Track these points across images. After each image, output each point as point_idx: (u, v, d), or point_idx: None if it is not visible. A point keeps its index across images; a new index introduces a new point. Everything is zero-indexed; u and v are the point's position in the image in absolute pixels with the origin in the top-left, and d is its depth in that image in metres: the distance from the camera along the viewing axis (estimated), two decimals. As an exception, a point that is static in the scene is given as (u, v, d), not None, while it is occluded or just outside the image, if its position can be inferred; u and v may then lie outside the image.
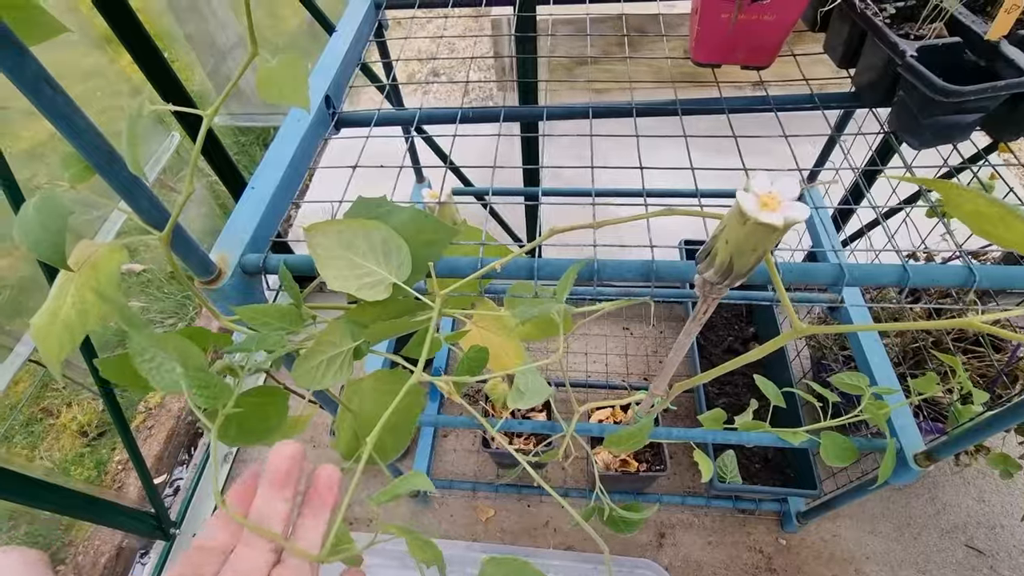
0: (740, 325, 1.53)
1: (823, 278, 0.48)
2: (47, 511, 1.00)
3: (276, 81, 0.44)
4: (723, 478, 1.17)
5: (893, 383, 0.92)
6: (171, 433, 1.55)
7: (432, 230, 0.52)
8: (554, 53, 1.66)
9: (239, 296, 0.55)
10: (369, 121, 0.73)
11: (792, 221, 0.34)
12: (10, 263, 1.75)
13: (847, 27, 0.66)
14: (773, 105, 0.68)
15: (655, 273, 0.49)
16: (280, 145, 0.67)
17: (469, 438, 1.50)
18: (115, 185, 0.41)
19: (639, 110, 0.71)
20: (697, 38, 0.70)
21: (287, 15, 2.53)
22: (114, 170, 0.40)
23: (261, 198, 0.61)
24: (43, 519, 1.42)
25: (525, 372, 0.57)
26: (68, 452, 1.63)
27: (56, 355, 0.37)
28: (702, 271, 0.44)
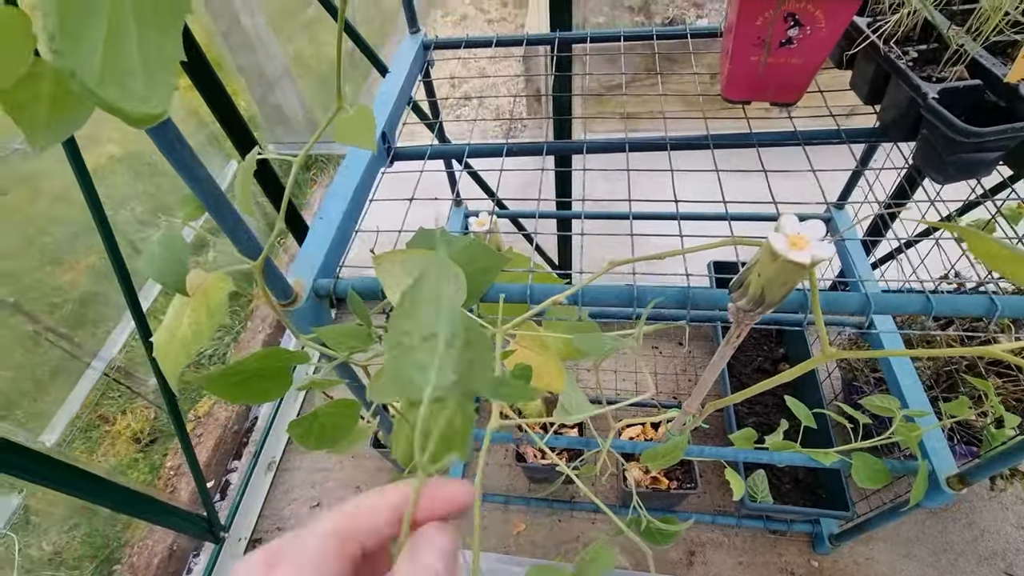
0: (770, 346, 1.54)
1: (850, 307, 0.52)
2: (109, 508, 1.07)
3: (351, 128, 0.51)
4: (754, 497, 1.18)
5: (924, 406, 0.93)
6: (218, 441, 1.64)
7: (485, 258, 0.58)
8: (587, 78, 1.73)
9: (312, 316, 0.61)
10: (422, 155, 0.79)
11: (819, 260, 0.39)
12: (73, 278, 1.88)
13: (872, 67, 0.70)
14: (801, 140, 0.72)
15: (691, 300, 0.53)
16: (343, 179, 0.74)
17: (501, 452, 1.54)
18: (221, 222, 0.48)
19: (673, 143, 0.76)
20: (728, 77, 0.75)
21: (328, 42, 2.68)
22: (221, 210, 0.47)
23: (329, 228, 0.67)
24: (101, 518, 1.51)
25: (569, 390, 0.62)
26: (123, 457, 1.73)
27: (174, 368, 0.44)
28: (735, 299, 0.49)
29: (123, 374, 1.69)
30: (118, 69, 0.23)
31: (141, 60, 0.24)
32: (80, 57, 0.20)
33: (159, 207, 2.06)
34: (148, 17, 0.25)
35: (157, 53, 0.25)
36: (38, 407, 1.62)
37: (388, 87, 0.88)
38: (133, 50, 0.24)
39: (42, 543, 1.52)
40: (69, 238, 1.84)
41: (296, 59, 2.40)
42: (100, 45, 0.22)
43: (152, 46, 0.25)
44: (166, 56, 0.26)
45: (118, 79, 0.23)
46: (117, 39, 0.23)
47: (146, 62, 0.25)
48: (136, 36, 0.24)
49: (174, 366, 0.44)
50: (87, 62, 0.21)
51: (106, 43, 0.22)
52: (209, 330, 0.44)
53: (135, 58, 0.24)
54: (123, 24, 0.23)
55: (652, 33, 0.92)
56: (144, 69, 0.24)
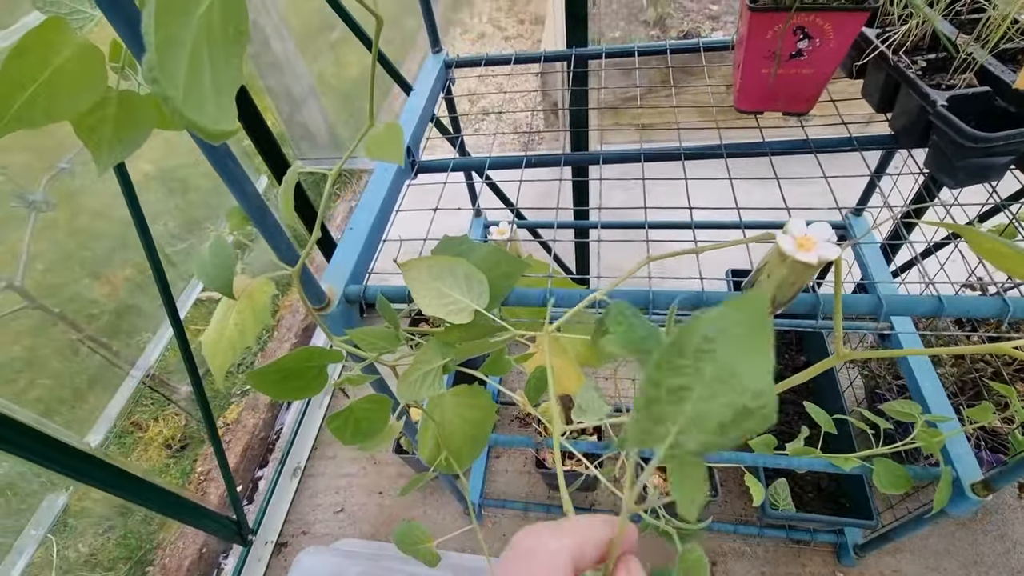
0: (791, 353, 1.54)
1: (864, 308, 0.53)
2: (150, 509, 1.12)
3: (381, 143, 0.54)
4: (775, 505, 1.18)
5: (947, 411, 0.92)
6: (246, 447, 1.68)
7: (507, 264, 0.61)
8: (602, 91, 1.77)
9: (343, 320, 0.65)
10: (445, 167, 0.83)
11: (825, 260, 0.41)
12: (110, 290, 1.97)
13: (882, 75, 0.72)
14: (813, 148, 0.74)
15: (705, 303, 0.55)
16: (371, 192, 0.78)
17: (520, 459, 1.56)
18: (263, 232, 0.52)
19: (687, 153, 0.78)
20: (740, 89, 0.77)
21: (351, 63, 2.78)
22: (264, 221, 0.51)
23: (358, 238, 0.71)
24: (135, 520, 1.57)
25: (585, 390, 0.64)
26: (155, 463, 1.80)
27: (222, 366, 0.48)
28: (748, 301, 0.51)
29: (157, 382, 1.76)
30: (196, 93, 0.27)
31: (212, 85, 0.28)
32: (170, 84, 0.24)
33: (190, 221, 2.15)
34: (217, 47, 0.29)
35: (224, 78, 0.29)
36: (76, 414, 1.69)
37: (412, 104, 0.92)
38: (207, 76, 0.28)
39: (78, 544, 1.58)
40: (107, 252, 1.93)
41: (320, 78, 2.49)
42: (184, 74, 0.25)
43: (220, 72, 0.29)
44: (230, 80, 0.30)
45: (197, 102, 0.26)
46: (195, 67, 0.26)
47: (216, 86, 0.28)
48: (209, 64, 0.28)
49: (222, 364, 0.48)
50: (175, 88, 0.24)
51: (188, 71, 0.26)
52: (254, 331, 0.47)
53: (208, 83, 0.28)
54: (200, 54, 0.27)
55: (666, 48, 0.95)
56: (215, 92, 0.28)
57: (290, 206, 0.47)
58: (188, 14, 0.26)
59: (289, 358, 0.49)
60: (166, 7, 0.24)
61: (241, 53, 0.31)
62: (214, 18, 0.28)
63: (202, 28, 0.27)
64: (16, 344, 1.63)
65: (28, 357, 1.66)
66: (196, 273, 0.47)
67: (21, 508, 1.48)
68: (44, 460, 0.82)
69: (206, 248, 0.48)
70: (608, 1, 2.54)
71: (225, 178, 0.47)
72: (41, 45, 0.36)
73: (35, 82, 0.36)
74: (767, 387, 0.22)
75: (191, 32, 0.26)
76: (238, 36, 0.30)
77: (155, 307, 2.00)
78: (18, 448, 0.79)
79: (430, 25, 1.01)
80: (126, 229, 1.93)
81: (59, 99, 0.38)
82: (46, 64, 0.36)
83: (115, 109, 0.46)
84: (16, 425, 0.77)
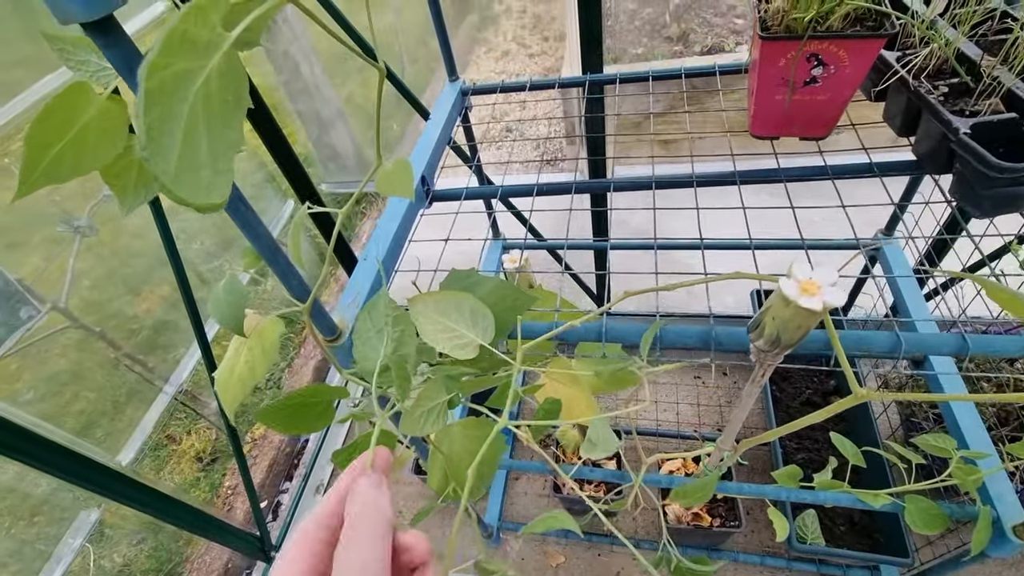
0: (819, 377, 1.48)
1: (879, 347, 0.51)
2: (174, 525, 1.16)
3: (391, 179, 0.55)
4: (803, 539, 1.13)
5: (986, 446, 0.87)
6: (272, 462, 1.72)
7: (513, 297, 0.61)
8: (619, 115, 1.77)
9: (352, 352, 0.66)
10: (459, 196, 0.84)
11: (830, 306, 0.39)
12: (148, 307, 2.06)
13: (904, 99, 0.70)
14: (831, 175, 0.72)
15: (715, 341, 0.54)
16: (386, 222, 0.79)
17: (539, 482, 1.54)
18: (275, 269, 0.54)
19: (699, 180, 0.77)
20: (754, 115, 0.76)
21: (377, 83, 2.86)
22: (276, 260, 0.53)
23: (371, 269, 0.73)
24: (166, 534, 1.62)
25: (596, 424, 0.63)
26: (187, 476, 1.86)
27: (232, 402, 0.49)
28: (753, 340, 0.49)
29: (189, 397, 1.82)
30: (191, 164, 0.28)
31: (209, 152, 0.29)
32: (161, 160, 0.25)
33: (225, 240, 2.24)
34: (215, 115, 0.30)
35: (221, 144, 0.30)
36: (115, 426, 1.77)
37: (428, 132, 0.94)
38: (203, 146, 0.29)
39: (113, 555, 1.64)
40: (146, 270, 2.02)
41: (348, 100, 2.57)
42: (178, 146, 0.27)
43: (218, 139, 0.30)
44: (229, 144, 0.31)
45: (190, 173, 0.28)
46: (191, 140, 0.28)
47: (213, 153, 0.30)
48: (206, 133, 0.29)
49: (232, 401, 0.49)
50: (167, 163, 0.26)
51: (182, 142, 0.27)
52: (263, 368, 0.49)
53: (204, 152, 0.29)
54: (196, 126, 0.28)
55: (681, 72, 0.95)
56: (211, 160, 0.29)
57: (297, 247, 0.48)
58: (184, 89, 0.27)
59: (296, 395, 0.50)
60: (159, 87, 0.26)
61: (241, 117, 0.32)
62: (212, 88, 0.29)
63: (199, 100, 0.28)
64: (63, 358, 1.71)
65: (73, 371, 1.75)
66: (211, 311, 0.49)
67: (62, 518, 1.55)
68: (76, 479, 0.86)
69: (220, 286, 0.50)
70: (630, 18, 2.54)
71: (237, 221, 0.49)
72: (66, 107, 0.38)
73: (61, 141, 0.38)
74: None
75: (187, 105, 0.28)
76: (237, 102, 0.32)
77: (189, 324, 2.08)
78: (52, 467, 0.82)
79: (447, 55, 1.03)
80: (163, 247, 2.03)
81: (84, 155, 0.40)
82: (72, 124, 0.38)
83: (138, 156, 0.49)
84: (50, 444, 0.81)
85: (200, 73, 0.28)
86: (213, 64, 0.29)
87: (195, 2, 0.26)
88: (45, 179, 0.39)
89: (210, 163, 0.29)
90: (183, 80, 0.27)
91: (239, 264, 2.16)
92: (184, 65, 0.27)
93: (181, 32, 0.26)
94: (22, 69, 1.68)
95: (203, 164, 0.29)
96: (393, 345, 0.54)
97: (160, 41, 0.24)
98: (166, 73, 0.26)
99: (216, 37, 0.29)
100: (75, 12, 0.32)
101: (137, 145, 0.24)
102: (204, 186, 0.28)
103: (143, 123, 0.24)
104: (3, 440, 0.73)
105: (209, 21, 0.28)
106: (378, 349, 0.53)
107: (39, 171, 0.38)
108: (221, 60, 0.29)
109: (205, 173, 0.29)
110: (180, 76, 0.27)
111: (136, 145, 0.24)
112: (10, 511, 1.55)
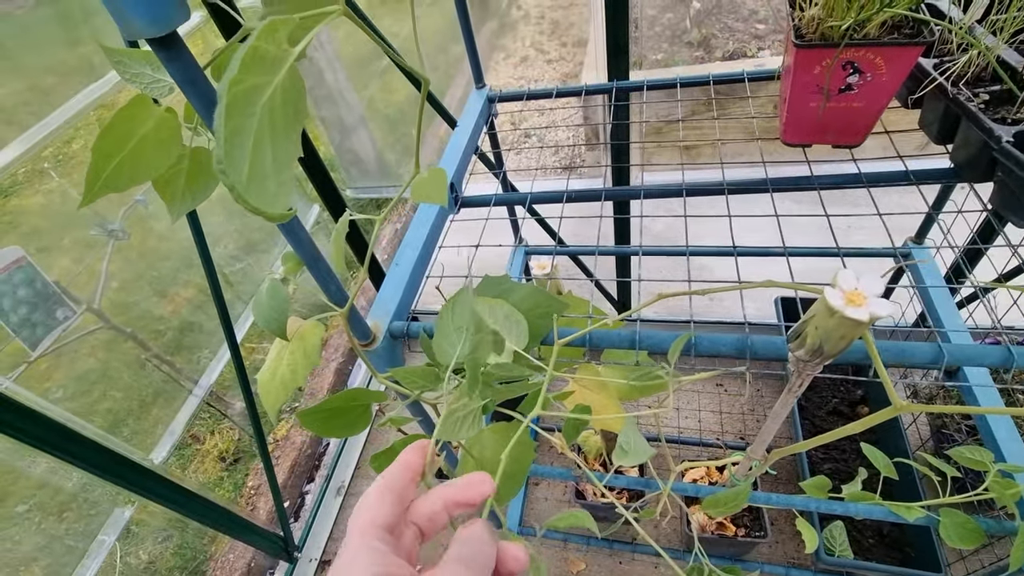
0: (846, 386, 1.46)
1: (920, 359, 0.51)
2: (203, 524, 1.18)
3: (426, 187, 0.56)
4: (831, 551, 1.11)
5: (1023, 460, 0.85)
6: (294, 464, 1.74)
7: (546, 304, 0.62)
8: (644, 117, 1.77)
9: (387, 356, 0.67)
10: (488, 202, 0.85)
11: (876, 317, 0.39)
12: (174, 308, 2.10)
13: (941, 106, 0.69)
14: (866, 183, 0.71)
15: (751, 350, 0.54)
16: (416, 228, 0.81)
17: (559, 488, 1.54)
18: (315, 274, 0.55)
19: (731, 188, 0.77)
20: (787, 122, 0.76)
21: (397, 88, 2.89)
22: (317, 265, 0.54)
23: (403, 275, 0.74)
24: (191, 532, 1.64)
25: (628, 431, 0.63)
26: (211, 475, 1.89)
27: (274, 404, 0.50)
28: (793, 350, 0.49)
29: (214, 397, 1.86)
30: (258, 174, 0.29)
31: (273, 163, 0.30)
32: (235, 172, 0.26)
33: (248, 243, 2.28)
34: (278, 128, 0.31)
35: (282, 155, 0.31)
36: (140, 425, 1.80)
37: (456, 140, 0.95)
38: (268, 158, 0.30)
39: (139, 552, 1.67)
40: (172, 272, 2.06)
41: (369, 105, 2.60)
42: (248, 161, 0.28)
43: (280, 151, 0.31)
44: (288, 156, 0.32)
45: (258, 183, 0.29)
46: (258, 152, 0.29)
47: (276, 165, 0.31)
48: (270, 145, 0.30)
49: (275, 402, 0.50)
50: (239, 174, 0.27)
51: (251, 158, 0.28)
52: (305, 371, 0.50)
53: (269, 163, 0.30)
54: (263, 139, 0.29)
55: (709, 79, 0.95)
56: (275, 171, 0.30)
57: (340, 254, 0.49)
58: (253, 103, 0.28)
59: (335, 399, 0.51)
60: (235, 100, 0.27)
61: (299, 129, 0.33)
62: (276, 102, 0.30)
63: (265, 114, 0.29)
64: (91, 358, 1.76)
65: (102, 370, 1.79)
66: (254, 315, 0.50)
67: (90, 514, 1.58)
68: (114, 477, 0.88)
69: (263, 291, 0.52)
70: (651, 24, 2.54)
71: (282, 228, 0.50)
72: (129, 119, 0.40)
73: (121, 152, 0.40)
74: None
75: (255, 119, 0.29)
76: (296, 115, 0.33)
77: (214, 326, 2.12)
78: (91, 465, 0.85)
79: (474, 62, 1.04)
80: (189, 250, 2.07)
81: (141, 165, 0.42)
82: (131, 136, 0.40)
83: (188, 164, 0.51)
84: (95, 445, 0.83)
85: (267, 88, 0.29)
86: (279, 79, 0.30)
87: (269, 20, 0.27)
88: (106, 187, 0.41)
89: (274, 174, 0.30)
90: (252, 95, 0.28)
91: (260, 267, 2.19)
92: (254, 80, 0.28)
93: (256, 49, 0.27)
94: (54, 75, 1.74)
95: (268, 175, 0.30)
96: (471, 347, 0.55)
97: (240, 58, 0.25)
98: (239, 89, 0.27)
99: (283, 53, 0.30)
100: (143, 28, 0.34)
101: (214, 160, 0.25)
102: (270, 196, 0.29)
103: (223, 136, 0.25)
104: (50, 439, 0.76)
105: (278, 38, 0.29)
106: (456, 347, 0.54)
107: (102, 180, 0.40)
108: (285, 75, 0.30)
109: (270, 184, 0.30)
110: (250, 91, 0.28)
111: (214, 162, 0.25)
112: (40, 507, 1.59)
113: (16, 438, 0.75)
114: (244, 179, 0.27)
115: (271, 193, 0.30)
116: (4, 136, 1.32)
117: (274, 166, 0.31)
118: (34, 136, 1.15)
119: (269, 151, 0.30)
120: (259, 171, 0.29)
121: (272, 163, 0.30)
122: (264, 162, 0.30)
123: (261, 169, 0.29)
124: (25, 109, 1.53)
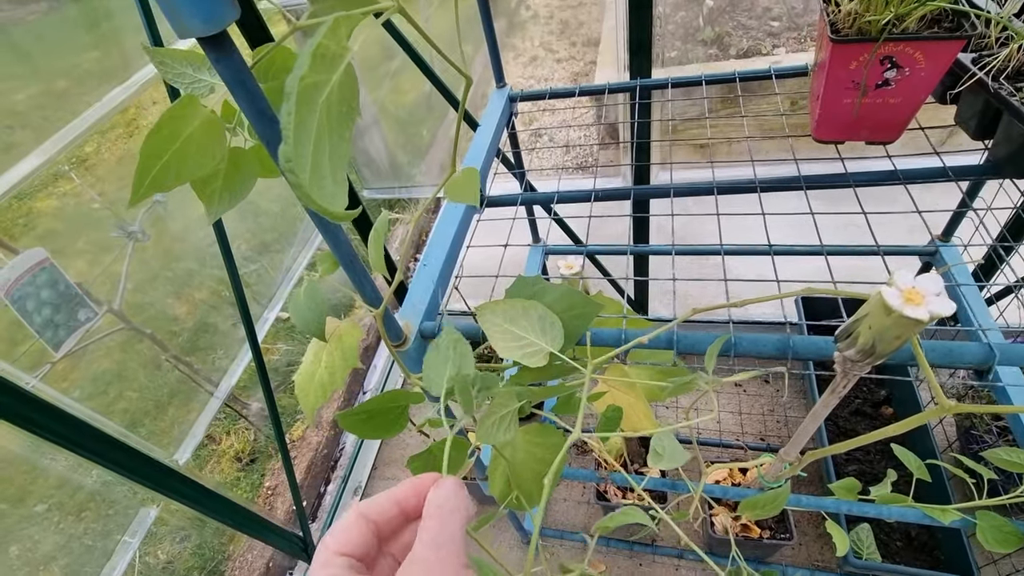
0: (869, 386, 1.44)
1: (971, 359, 0.49)
2: (225, 524, 1.18)
3: (460, 187, 0.56)
4: (859, 554, 1.09)
5: (1063, 462, 0.83)
6: (310, 464, 1.75)
7: (582, 305, 0.61)
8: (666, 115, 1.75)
9: (419, 356, 0.66)
10: (514, 202, 0.84)
11: (937, 315, 0.38)
12: (189, 309, 2.11)
13: (980, 101, 0.68)
14: (903, 179, 0.70)
15: (793, 350, 0.53)
16: (442, 227, 0.80)
17: (577, 489, 1.53)
18: (351, 275, 0.55)
19: (763, 186, 0.76)
20: (819, 119, 0.74)
21: (407, 89, 2.89)
22: (353, 266, 0.54)
23: (431, 274, 0.73)
24: (209, 532, 1.65)
25: (663, 435, 0.62)
26: (227, 475, 1.89)
27: (313, 406, 0.50)
28: (842, 349, 0.48)
29: (230, 398, 1.86)
30: (318, 174, 0.29)
31: (329, 163, 0.30)
32: (302, 172, 0.26)
33: (261, 244, 2.29)
34: (335, 127, 0.31)
35: (337, 155, 0.31)
36: (157, 425, 1.81)
37: (479, 140, 0.95)
38: (326, 157, 0.30)
39: (158, 552, 1.68)
40: (187, 274, 2.07)
41: (381, 106, 2.60)
42: (310, 159, 0.27)
43: (336, 150, 0.31)
44: (342, 155, 0.32)
45: (318, 183, 0.28)
46: (318, 149, 0.28)
47: (332, 163, 0.30)
48: (328, 144, 0.30)
49: (314, 403, 0.50)
50: (304, 172, 0.26)
51: (313, 156, 0.28)
52: (343, 372, 0.50)
53: (327, 163, 0.30)
54: (322, 138, 0.29)
55: (735, 76, 0.93)
56: (331, 171, 0.30)
57: (380, 255, 0.49)
58: (314, 101, 0.28)
59: (374, 401, 0.51)
60: (301, 98, 0.26)
61: (351, 128, 0.33)
62: (333, 99, 0.30)
63: (323, 112, 0.29)
64: (107, 358, 1.77)
65: (117, 371, 1.81)
66: (291, 316, 0.50)
67: (108, 513, 1.59)
68: (138, 476, 0.88)
69: (301, 292, 0.51)
70: (663, 22, 2.52)
71: (320, 228, 0.49)
72: (175, 120, 0.39)
73: (168, 152, 0.39)
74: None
75: (316, 117, 0.28)
76: (350, 113, 0.32)
77: (228, 326, 2.13)
78: (115, 464, 0.85)
79: (495, 61, 1.04)
80: (203, 251, 2.08)
81: (187, 164, 0.41)
82: (178, 136, 0.40)
83: (225, 164, 0.51)
84: (117, 443, 0.83)
85: (326, 85, 0.29)
86: (336, 76, 0.30)
87: (335, 17, 0.27)
88: (153, 187, 0.40)
89: (331, 174, 0.30)
90: (313, 92, 0.28)
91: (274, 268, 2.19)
92: (314, 78, 0.28)
93: (320, 46, 0.26)
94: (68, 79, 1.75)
95: (327, 174, 0.29)
96: (455, 368, 0.54)
97: (308, 56, 0.25)
98: (302, 86, 0.27)
99: (342, 50, 0.29)
100: (195, 28, 0.33)
101: (281, 159, 0.24)
102: (328, 195, 0.29)
103: (291, 134, 0.25)
104: (78, 439, 0.76)
105: (339, 35, 0.28)
106: (443, 375, 0.54)
107: (149, 180, 0.39)
108: (342, 72, 0.30)
109: (327, 183, 0.30)
110: (311, 88, 0.28)
111: (280, 161, 0.25)
112: (59, 506, 1.60)
113: (45, 438, 0.75)
114: (307, 178, 0.27)
115: (329, 192, 0.29)
116: (20, 140, 1.33)
117: (331, 167, 0.30)
118: (57, 144, 1.16)
119: (327, 150, 0.30)
120: (319, 170, 0.29)
121: (329, 163, 0.30)
122: (323, 160, 0.29)
123: (321, 170, 0.29)
124: (39, 113, 1.54)
